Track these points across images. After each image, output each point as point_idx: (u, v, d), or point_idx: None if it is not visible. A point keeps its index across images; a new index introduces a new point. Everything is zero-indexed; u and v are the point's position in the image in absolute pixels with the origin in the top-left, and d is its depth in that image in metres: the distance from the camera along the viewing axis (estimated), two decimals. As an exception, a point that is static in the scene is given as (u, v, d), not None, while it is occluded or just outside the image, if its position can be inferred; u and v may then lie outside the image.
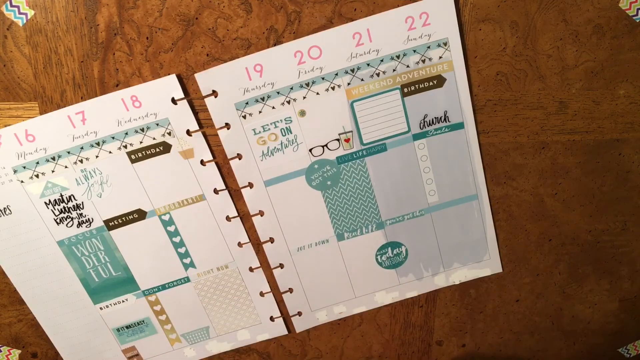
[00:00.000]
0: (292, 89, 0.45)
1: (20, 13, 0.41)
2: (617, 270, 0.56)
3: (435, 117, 0.47)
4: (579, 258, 0.55)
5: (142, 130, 0.44)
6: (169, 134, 0.45)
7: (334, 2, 0.43)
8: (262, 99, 0.45)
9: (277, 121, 0.46)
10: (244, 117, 0.45)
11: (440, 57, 0.45)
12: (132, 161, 0.45)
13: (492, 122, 0.48)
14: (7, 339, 0.52)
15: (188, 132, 0.45)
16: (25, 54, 0.42)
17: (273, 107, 0.45)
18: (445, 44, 0.44)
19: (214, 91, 0.44)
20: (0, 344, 0.53)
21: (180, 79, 0.44)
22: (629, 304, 0.57)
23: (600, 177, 0.51)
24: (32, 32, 0.42)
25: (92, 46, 0.43)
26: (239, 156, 0.46)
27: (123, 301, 0.51)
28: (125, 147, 0.45)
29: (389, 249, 0.52)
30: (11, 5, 0.41)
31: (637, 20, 0.45)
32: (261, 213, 0.49)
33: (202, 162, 0.46)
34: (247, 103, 0.45)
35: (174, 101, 0.44)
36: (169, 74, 0.43)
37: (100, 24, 0.42)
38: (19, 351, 0.53)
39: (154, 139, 0.45)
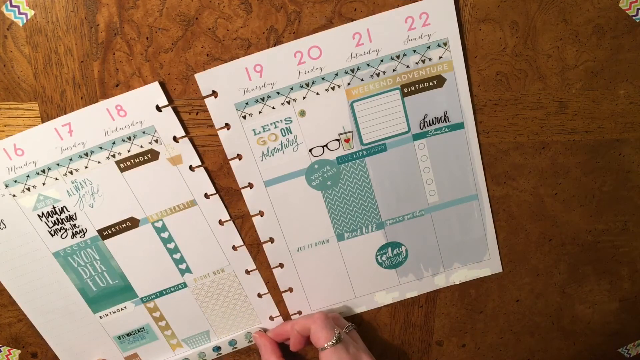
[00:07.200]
0: (292, 89, 0.45)
1: (20, 13, 0.41)
2: (617, 270, 0.56)
3: (435, 117, 0.47)
4: (579, 258, 0.55)
5: (129, 138, 0.44)
6: (156, 141, 0.45)
7: (334, 2, 0.43)
8: (262, 99, 0.45)
9: (277, 121, 0.46)
10: (244, 117, 0.45)
11: (440, 57, 0.45)
12: (122, 170, 0.45)
13: (492, 122, 0.48)
14: (7, 339, 0.52)
15: (175, 139, 0.45)
16: (25, 54, 0.42)
17: (273, 108, 0.45)
18: (445, 44, 0.44)
19: (213, 91, 0.44)
20: (0, 344, 0.53)
21: (163, 85, 0.44)
22: (629, 304, 0.57)
23: (600, 177, 0.51)
24: (32, 32, 0.42)
25: (92, 46, 0.43)
26: (239, 156, 0.46)
27: (122, 309, 0.51)
28: (114, 156, 0.45)
29: (389, 249, 0.52)
30: (11, 5, 0.41)
31: (637, 20, 0.45)
32: (261, 213, 0.49)
33: (191, 168, 0.46)
34: (247, 103, 0.45)
35: (158, 108, 0.44)
36: (168, 74, 0.43)
37: (100, 24, 0.42)
38: (19, 351, 0.53)
39: (142, 147, 0.45)
